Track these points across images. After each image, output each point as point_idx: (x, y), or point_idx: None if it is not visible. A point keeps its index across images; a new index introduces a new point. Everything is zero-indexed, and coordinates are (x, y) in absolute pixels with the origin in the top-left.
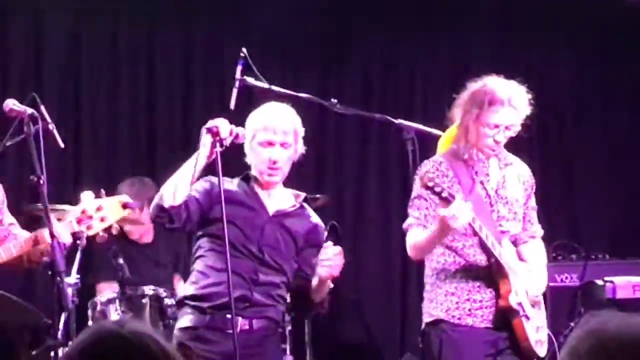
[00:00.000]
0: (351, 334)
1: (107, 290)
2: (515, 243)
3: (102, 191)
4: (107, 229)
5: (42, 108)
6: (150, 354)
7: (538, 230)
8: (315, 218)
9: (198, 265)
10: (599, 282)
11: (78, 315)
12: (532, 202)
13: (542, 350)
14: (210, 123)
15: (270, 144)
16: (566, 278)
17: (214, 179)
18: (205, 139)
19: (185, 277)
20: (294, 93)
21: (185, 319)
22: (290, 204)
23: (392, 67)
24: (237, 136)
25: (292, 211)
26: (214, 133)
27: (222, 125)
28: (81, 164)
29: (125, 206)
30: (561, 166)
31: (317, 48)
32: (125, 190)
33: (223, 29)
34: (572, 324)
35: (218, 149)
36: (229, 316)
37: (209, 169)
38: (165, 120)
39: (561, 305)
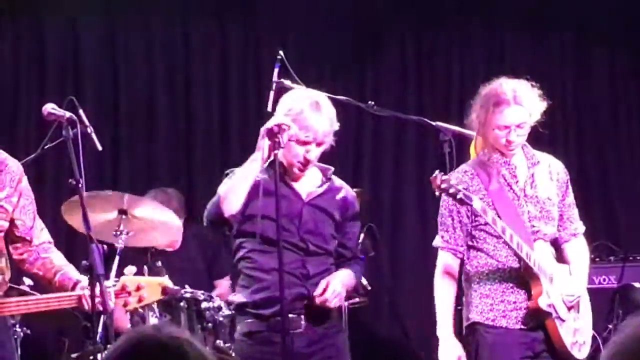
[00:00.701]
0: (387, 335)
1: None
2: (557, 243)
3: (145, 268)
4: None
5: (81, 111)
6: (188, 358)
7: (579, 228)
8: (344, 190)
9: (244, 267)
10: (637, 284)
11: None
12: (569, 199)
13: (581, 353)
14: (270, 123)
15: (307, 143)
16: (604, 280)
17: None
18: (263, 143)
19: (221, 277)
20: (331, 95)
21: (246, 325)
22: (319, 182)
23: (428, 69)
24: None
25: (324, 190)
26: (274, 134)
27: (280, 123)
28: (119, 167)
29: (164, 291)
30: (599, 167)
31: (354, 49)
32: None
33: (259, 30)
34: (610, 327)
35: (276, 151)
36: (291, 315)
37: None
38: (203, 122)
39: (599, 307)
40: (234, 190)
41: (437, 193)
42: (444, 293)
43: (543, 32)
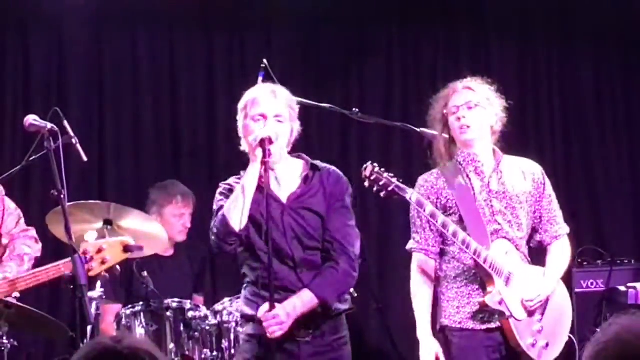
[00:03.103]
0: (374, 341)
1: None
2: (541, 246)
3: (106, 230)
4: (110, 269)
5: (65, 122)
6: None
7: (561, 230)
8: (332, 175)
9: (247, 281)
10: (622, 288)
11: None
12: (548, 200)
13: (543, 357)
14: (262, 134)
15: (262, 116)
16: (592, 284)
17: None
18: (259, 153)
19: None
20: (317, 103)
21: (250, 327)
22: (299, 179)
23: (413, 75)
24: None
25: (306, 186)
26: (267, 143)
27: (271, 133)
28: (106, 176)
29: (126, 249)
30: (586, 171)
31: (339, 57)
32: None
33: (244, 39)
34: (598, 330)
35: (267, 159)
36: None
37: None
38: (189, 131)
39: (587, 311)
40: (237, 206)
41: (366, 184)
42: (419, 294)
43: (529, 40)
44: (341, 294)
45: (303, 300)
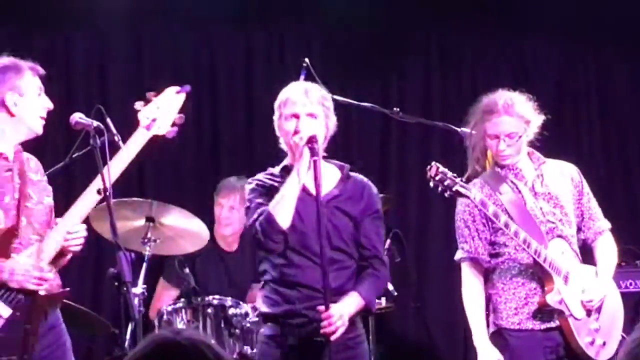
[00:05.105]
0: (413, 341)
1: (166, 298)
2: (586, 244)
3: (149, 94)
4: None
5: (108, 120)
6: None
7: (603, 225)
8: (366, 187)
9: (268, 279)
10: None
11: (145, 324)
12: (587, 198)
13: (600, 355)
14: (309, 132)
15: (294, 116)
16: (630, 284)
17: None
18: (306, 152)
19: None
20: (357, 102)
21: (268, 328)
22: (336, 182)
23: (452, 75)
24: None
25: (341, 190)
26: (314, 142)
27: (317, 131)
28: (145, 174)
29: (178, 92)
30: (625, 171)
31: (379, 56)
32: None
33: (285, 38)
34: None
35: (316, 157)
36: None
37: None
38: (229, 129)
39: (625, 311)
40: (283, 204)
41: (431, 184)
42: (474, 303)
43: (568, 42)
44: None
45: (355, 303)
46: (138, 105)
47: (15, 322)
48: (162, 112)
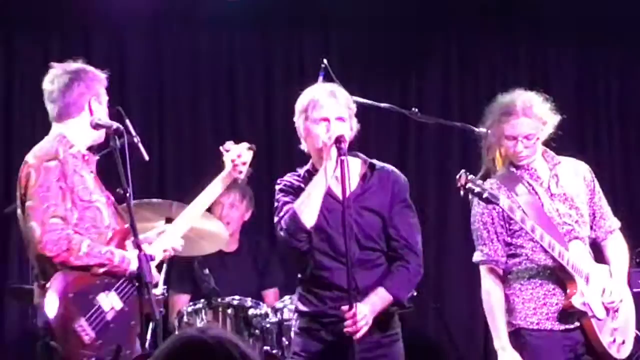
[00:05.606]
0: (433, 340)
1: (179, 303)
2: (596, 243)
3: (228, 143)
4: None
5: (127, 122)
6: (232, 358)
7: (614, 224)
8: (393, 176)
9: (305, 279)
10: None
11: (164, 325)
12: (598, 197)
13: (620, 353)
14: (337, 132)
15: (324, 120)
16: None
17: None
18: (333, 152)
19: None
20: (376, 103)
21: (303, 321)
22: (357, 177)
23: (471, 76)
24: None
25: (366, 185)
26: (342, 141)
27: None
28: (165, 175)
29: (249, 148)
30: None
31: (397, 57)
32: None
33: (303, 39)
34: None
35: (343, 156)
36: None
37: None
38: (247, 130)
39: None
40: (309, 203)
41: (461, 193)
42: (493, 305)
43: (587, 44)
44: (411, 291)
45: (381, 299)
46: (227, 145)
47: (124, 314)
48: (242, 160)
